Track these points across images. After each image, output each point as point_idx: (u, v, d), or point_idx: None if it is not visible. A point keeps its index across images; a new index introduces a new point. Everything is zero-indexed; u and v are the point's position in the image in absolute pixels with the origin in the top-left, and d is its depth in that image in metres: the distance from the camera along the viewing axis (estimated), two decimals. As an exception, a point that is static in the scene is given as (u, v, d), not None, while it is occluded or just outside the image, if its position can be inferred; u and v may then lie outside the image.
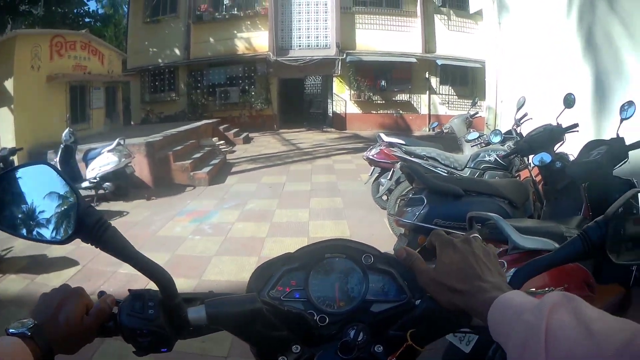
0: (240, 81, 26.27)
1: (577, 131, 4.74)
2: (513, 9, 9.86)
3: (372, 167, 8.65)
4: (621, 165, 4.12)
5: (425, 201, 4.74)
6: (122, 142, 11.24)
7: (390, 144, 8.12)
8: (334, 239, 1.21)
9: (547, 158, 4.27)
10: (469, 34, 24.45)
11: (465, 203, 4.68)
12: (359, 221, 8.52)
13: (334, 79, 25.92)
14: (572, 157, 4.49)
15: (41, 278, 6.31)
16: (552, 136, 4.75)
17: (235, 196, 11.09)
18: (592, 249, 0.98)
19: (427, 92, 26.21)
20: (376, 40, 25.41)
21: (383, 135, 8.53)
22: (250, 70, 26.12)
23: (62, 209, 0.93)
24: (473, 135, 8.21)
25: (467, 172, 7.25)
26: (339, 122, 26.12)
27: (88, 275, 6.31)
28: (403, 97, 26.16)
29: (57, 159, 10.80)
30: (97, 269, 6.32)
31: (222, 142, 19.66)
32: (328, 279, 1.16)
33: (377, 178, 8.63)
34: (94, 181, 10.61)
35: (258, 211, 9.64)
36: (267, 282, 1.15)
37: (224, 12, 26.09)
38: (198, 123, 19.35)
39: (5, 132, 14.78)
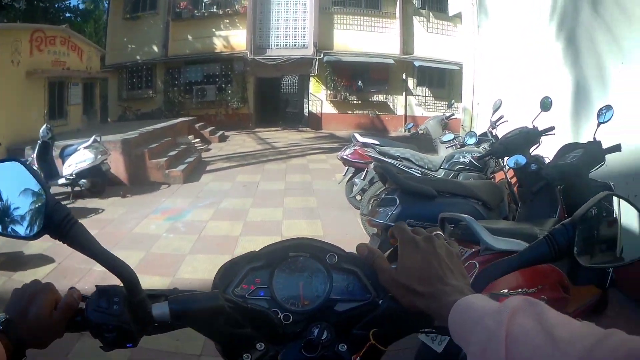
0: (217, 79, 26.28)
1: (553, 134, 4.76)
2: (492, 13, 9.93)
3: (347, 167, 8.68)
4: (598, 168, 4.15)
5: (397, 201, 4.73)
6: (99, 139, 11.17)
7: (364, 144, 8.15)
8: (298, 238, 1.19)
9: (522, 160, 4.27)
10: (448, 37, 24.76)
11: (438, 204, 4.68)
12: (333, 221, 8.55)
13: (311, 79, 26.03)
14: (548, 160, 4.51)
15: (18, 275, 6.27)
16: (528, 139, 4.76)
17: (209, 194, 11.10)
18: (559, 252, 0.96)
19: (404, 93, 26.44)
20: (354, 40, 25.56)
21: (357, 135, 8.58)
22: (227, 68, 26.16)
23: (34, 206, 0.94)
24: (448, 136, 8.24)
25: (442, 173, 7.29)
26: (315, 122, 26.21)
27: (63, 272, 6.28)
28: (379, 98, 26.33)
29: (35, 155, 10.71)
30: (73, 267, 6.26)
31: (198, 140, 19.68)
32: (292, 278, 1.15)
33: (351, 178, 8.66)
34: (71, 178, 10.52)
35: (232, 210, 9.65)
36: (232, 280, 1.14)
37: (203, 10, 26.10)
38: (174, 121, 19.31)
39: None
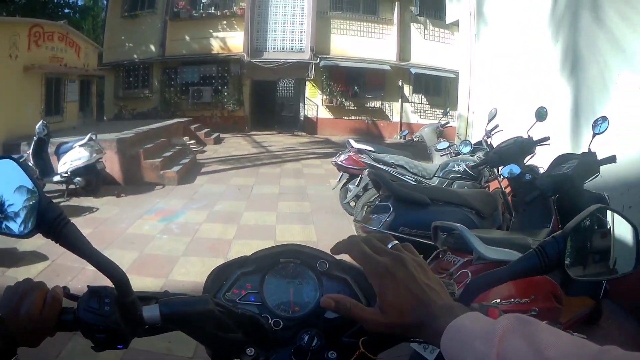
0: (213, 81, 26.22)
1: (548, 144, 4.77)
2: (490, 21, 9.94)
3: (341, 173, 8.67)
4: (592, 179, 4.17)
5: (391, 209, 4.75)
6: (94, 137, 11.14)
7: (359, 151, 8.17)
8: (289, 244, 1.21)
9: (516, 170, 4.28)
10: (445, 44, 24.80)
11: (431, 212, 4.70)
12: (326, 226, 8.53)
13: (307, 83, 25.98)
14: (543, 170, 4.52)
15: (11, 272, 6.27)
16: (523, 148, 4.76)
17: (204, 197, 11.08)
18: (549, 264, 0.95)
19: (400, 100, 26.42)
20: (351, 46, 25.55)
21: (352, 141, 8.59)
22: (223, 70, 26.10)
23: (28, 204, 0.94)
24: (443, 144, 8.23)
25: (436, 182, 7.30)
26: (310, 127, 26.17)
27: (57, 270, 6.26)
28: (375, 104, 26.32)
29: (30, 151, 10.67)
30: (66, 265, 6.24)
31: (193, 142, 19.62)
32: (283, 284, 1.17)
33: (346, 184, 8.65)
34: (65, 175, 10.51)
35: (226, 213, 9.63)
36: (223, 285, 1.16)
37: (201, 11, 26.05)
38: (170, 121, 19.24)
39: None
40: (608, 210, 1.18)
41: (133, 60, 26.46)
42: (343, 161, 8.30)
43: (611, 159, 4.14)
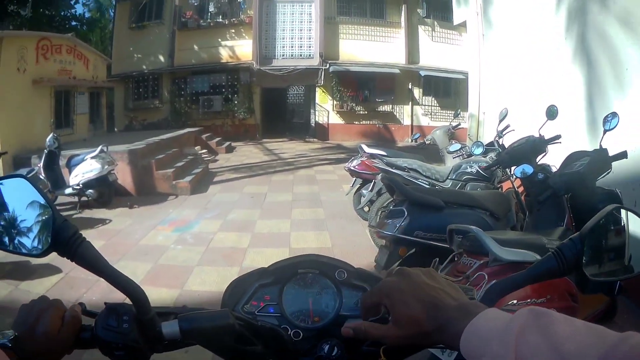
0: (223, 90, 26.21)
1: (560, 142, 4.74)
2: (497, 21, 9.93)
3: (354, 178, 8.65)
4: (604, 176, 4.14)
5: (406, 213, 4.72)
6: (106, 149, 11.17)
7: (371, 155, 8.13)
8: (307, 255, 1.21)
9: (529, 169, 4.25)
10: (453, 45, 24.70)
11: (446, 215, 4.67)
12: (341, 232, 8.52)
13: (317, 89, 25.93)
14: (555, 169, 4.49)
15: (25, 284, 6.28)
16: (534, 148, 4.73)
17: (217, 206, 11.06)
18: (567, 267, 0.95)
19: (410, 103, 26.34)
20: (360, 50, 25.50)
21: (364, 146, 8.55)
22: (233, 78, 26.09)
23: (40, 223, 0.94)
24: (455, 146, 8.17)
25: (449, 184, 7.27)
26: (322, 133, 26.14)
27: (70, 283, 6.26)
28: (386, 108, 26.23)
29: (41, 165, 10.75)
30: (80, 277, 6.21)
31: (205, 151, 19.66)
32: (302, 294, 1.17)
33: (359, 189, 8.63)
34: (77, 188, 10.54)
35: (240, 221, 9.61)
36: (241, 297, 1.17)
37: (209, 20, 26.06)
38: (181, 131, 19.29)
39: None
40: (623, 209, 1.18)
41: (142, 71, 26.50)
42: (356, 166, 8.27)
43: (622, 155, 4.11)
